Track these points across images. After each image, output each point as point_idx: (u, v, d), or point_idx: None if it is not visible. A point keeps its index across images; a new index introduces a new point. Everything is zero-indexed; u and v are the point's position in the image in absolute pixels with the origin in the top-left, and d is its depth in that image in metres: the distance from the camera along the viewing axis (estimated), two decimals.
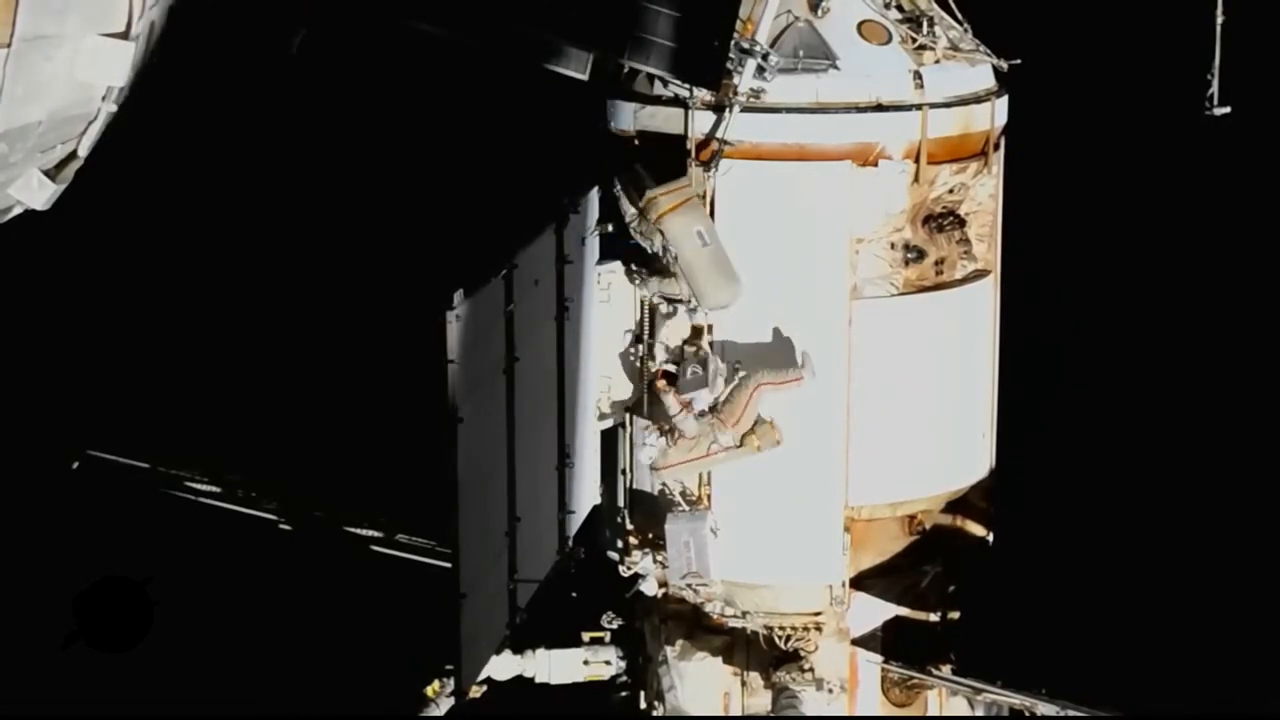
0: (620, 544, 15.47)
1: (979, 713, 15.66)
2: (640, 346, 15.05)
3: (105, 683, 17.54)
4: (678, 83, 14.17)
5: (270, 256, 20.48)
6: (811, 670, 14.96)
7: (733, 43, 13.93)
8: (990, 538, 15.55)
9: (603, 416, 15.31)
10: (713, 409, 14.18)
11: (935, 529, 15.28)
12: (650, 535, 15.16)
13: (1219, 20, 14.98)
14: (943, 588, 15.31)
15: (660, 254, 14.33)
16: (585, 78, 14.06)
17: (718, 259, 14.06)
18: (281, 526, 17.48)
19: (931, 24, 14.85)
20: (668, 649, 15.35)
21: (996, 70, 15.19)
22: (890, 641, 15.27)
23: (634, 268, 14.91)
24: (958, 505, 15.41)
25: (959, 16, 15.23)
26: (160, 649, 17.76)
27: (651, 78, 14.48)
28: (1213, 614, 18.10)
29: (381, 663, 16.69)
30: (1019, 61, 15.22)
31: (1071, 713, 14.29)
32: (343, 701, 17.26)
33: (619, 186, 14.47)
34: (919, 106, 14.51)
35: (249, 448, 18.85)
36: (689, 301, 14.32)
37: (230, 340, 20.55)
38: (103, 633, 17.79)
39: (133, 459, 18.79)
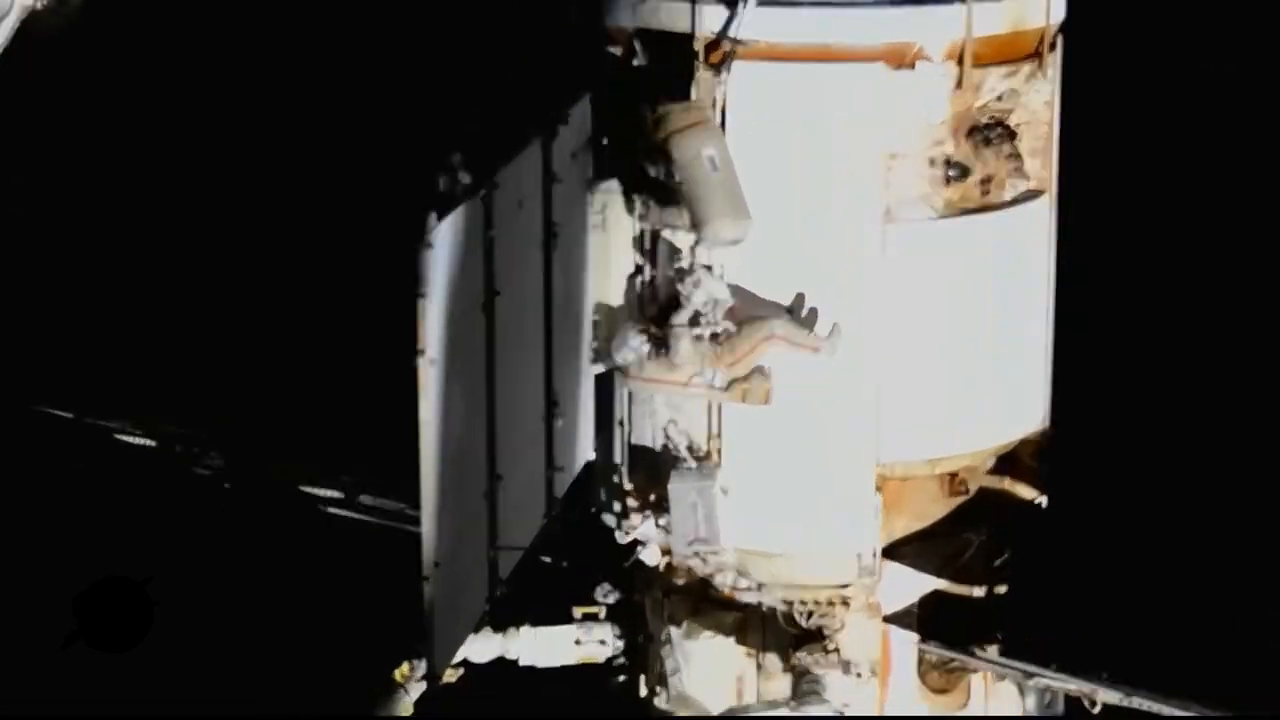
0: (617, 506, 14.69)
1: (1030, 700, 15.01)
2: (639, 280, 14.21)
3: (105, 683, 17.72)
4: None
5: (237, 179, 20.20)
6: (837, 651, 14.20)
7: None
8: (1044, 500, 14.74)
9: (597, 359, 14.45)
10: (714, 337, 13.47)
11: (981, 490, 14.52)
12: (652, 496, 14.36)
13: None
14: (988, 557, 14.48)
15: (663, 177, 13.50)
16: None
17: (728, 187, 13.22)
18: (225, 485, 17.24)
19: None
20: (672, 627, 14.68)
21: None
22: (928, 619, 14.50)
23: (633, 193, 14.12)
24: (1006, 462, 14.60)
25: None
26: (160, 649, 17.92)
27: None
28: None
29: (344, 643, 16.45)
30: None
31: (1137, 700, 13.51)
32: (319, 694, 16.83)
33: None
34: None
35: (189, 390, 18.79)
36: (691, 234, 13.49)
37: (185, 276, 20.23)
38: (103, 633, 18.07)
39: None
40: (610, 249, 14.28)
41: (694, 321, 13.41)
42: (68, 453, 18.55)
